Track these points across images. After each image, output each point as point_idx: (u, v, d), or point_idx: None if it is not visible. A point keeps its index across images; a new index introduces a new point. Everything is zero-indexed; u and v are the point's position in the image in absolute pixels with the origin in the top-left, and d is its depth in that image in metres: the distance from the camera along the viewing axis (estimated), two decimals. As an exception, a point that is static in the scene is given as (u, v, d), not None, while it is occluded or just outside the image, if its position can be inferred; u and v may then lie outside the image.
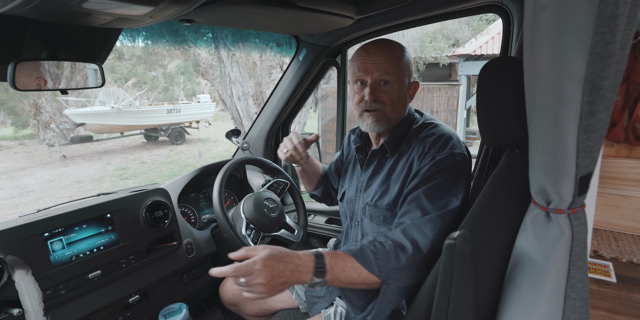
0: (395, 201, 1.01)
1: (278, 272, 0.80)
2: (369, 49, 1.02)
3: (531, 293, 0.67)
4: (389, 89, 1.02)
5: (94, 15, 0.83)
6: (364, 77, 1.02)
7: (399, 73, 1.02)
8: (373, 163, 1.11)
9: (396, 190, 1.01)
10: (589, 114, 0.55)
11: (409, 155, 1.02)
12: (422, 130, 1.05)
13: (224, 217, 1.27)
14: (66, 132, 11.45)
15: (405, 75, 1.04)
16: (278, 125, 1.88)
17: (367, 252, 0.88)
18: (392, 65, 1.00)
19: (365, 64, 1.01)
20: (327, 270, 0.84)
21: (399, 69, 1.01)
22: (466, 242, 0.68)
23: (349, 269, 0.86)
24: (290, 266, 0.82)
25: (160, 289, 1.32)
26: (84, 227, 1.08)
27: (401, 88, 1.03)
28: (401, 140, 1.06)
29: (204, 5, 1.01)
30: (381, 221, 1.04)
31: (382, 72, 1.00)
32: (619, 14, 0.49)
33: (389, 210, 1.03)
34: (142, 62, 14.62)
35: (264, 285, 0.79)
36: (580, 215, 0.64)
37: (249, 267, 0.80)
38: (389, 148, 1.06)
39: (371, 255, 0.87)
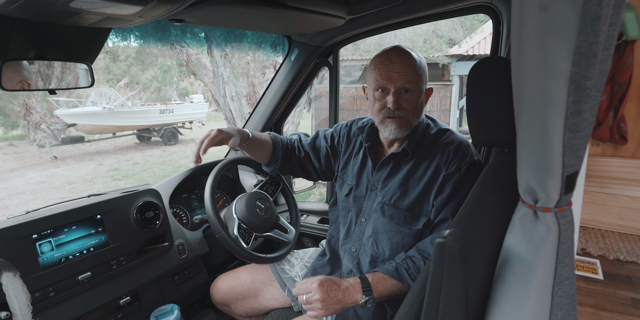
0: (415, 203, 1.09)
1: (332, 291, 0.98)
2: (391, 57, 1.07)
3: (519, 290, 0.67)
4: (411, 96, 1.07)
5: (82, 14, 0.82)
6: (387, 85, 1.06)
7: (419, 81, 1.07)
8: (389, 165, 1.16)
9: (417, 192, 1.09)
10: (574, 113, 0.56)
11: (431, 160, 1.09)
12: (441, 136, 1.13)
13: (216, 217, 1.26)
14: (57, 133, 11.31)
15: (423, 82, 1.09)
16: (270, 126, 1.88)
17: (402, 270, 1.03)
18: (413, 74, 1.05)
19: (389, 72, 1.05)
20: (372, 289, 1.00)
21: (419, 77, 1.07)
22: (456, 241, 0.69)
23: (390, 285, 1.02)
24: (342, 287, 1.00)
25: (152, 290, 1.31)
26: (74, 229, 1.07)
27: (420, 95, 1.09)
28: (420, 144, 1.13)
29: (194, 4, 1.00)
30: (402, 221, 1.10)
31: (405, 80, 1.05)
32: (602, 14, 0.50)
33: (409, 211, 1.09)
34: (137, 62, 14.51)
35: (321, 301, 0.96)
36: (567, 214, 0.65)
37: (307, 286, 1.00)
38: (410, 151, 1.12)
39: (405, 272, 1.03)
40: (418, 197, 1.08)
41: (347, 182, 1.26)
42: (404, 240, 1.10)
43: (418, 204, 1.09)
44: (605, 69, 0.55)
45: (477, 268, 0.73)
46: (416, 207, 1.09)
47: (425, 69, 1.11)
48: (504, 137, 0.78)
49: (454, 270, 0.69)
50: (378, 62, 1.09)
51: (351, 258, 1.20)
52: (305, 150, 1.38)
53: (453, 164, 1.06)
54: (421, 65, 1.08)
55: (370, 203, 1.18)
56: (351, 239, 1.22)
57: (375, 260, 1.14)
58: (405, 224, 1.10)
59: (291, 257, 1.41)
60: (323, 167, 1.37)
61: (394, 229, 1.11)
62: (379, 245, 1.13)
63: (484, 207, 0.77)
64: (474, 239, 0.75)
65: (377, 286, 1.01)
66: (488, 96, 0.78)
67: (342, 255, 1.24)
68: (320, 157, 1.36)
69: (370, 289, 1.00)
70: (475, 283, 0.73)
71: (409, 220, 1.09)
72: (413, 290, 0.81)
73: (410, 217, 1.09)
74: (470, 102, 0.82)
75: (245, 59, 6.02)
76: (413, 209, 1.09)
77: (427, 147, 1.12)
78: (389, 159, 1.16)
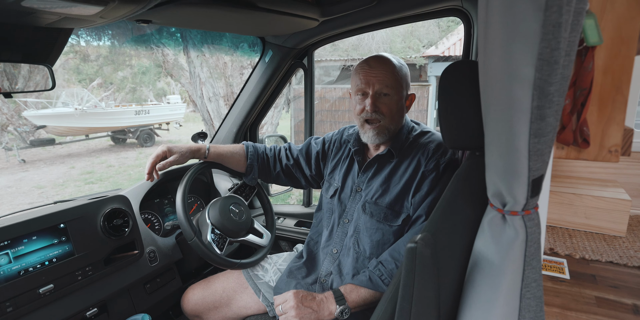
0: (396, 200, 1.12)
1: (307, 301, 1.02)
2: (371, 62, 1.12)
3: (489, 294, 0.68)
4: (389, 100, 1.11)
5: (36, 14, 0.78)
6: (365, 88, 1.11)
7: (398, 86, 1.11)
8: (374, 166, 1.19)
9: (397, 190, 1.12)
10: (538, 118, 0.57)
11: (412, 158, 1.13)
12: (422, 137, 1.17)
13: (188, 223, 1.23)
14: (25, 135, 10.84)
15: (403, 87, 1.13)
16: (245, 128, 1.85)
17: (375, 278, 1.05)
18: (392, 79, 1.10)
19: (367, 76, 1.10)
20: (345, 298, 1.03)
21: (398, 82, 1.11)
22: (427, 246, 0.69)
23: (363, 293, 1.04)
24: (317, 299, 1.04)
25: (122, 300, 1.26)
26: (34, 239, 1.01)
27: (399, 100, 1.13)
28: (403, 145, 1.16)
29: (160, 5, 0.97)
30: (382, 218, 1.13)
31: (382, 84, 1.09)
32: (563, 21, 0.50)
33: (390, 208, 1.12)
34: (109, 62, 14.07)
35: (295, 308, 1.00)
36: (533, 217, 0.66)
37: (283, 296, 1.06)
38: (395, 152, 1.15)
39: (378, 280, 1.04)
40: (399, 194, 1.11)
41: (333, 185, 1.29)
42: (384, 237, 1.12)
43: (398, 201, 1.11)
44: (567, 74, 0.56)
45: (449, 272, 0.74)
46: (397, 204, 1.11)
47: (406, 75, 1.15)
48: (474, 140, 0.78)
49: (425, 275, 0.69)
50: (359, 67, 1.14)
51: (332, 260, 1.20)
52: (295, 157, 1.41)
53: (432, 161, 1.10)
54: (401, 72, 1.12)
55: (354, 204, 1.20)
56: (333, 240, 1.22)
57: (356, 259, 1.15)
58: (386, 221, 1.12)
59: (264, 263, 1.40)
60: (313, 172, 1.40)
61: (374, 227, 1.13)
62: (359, 244, 1.15)
63: (456, 211, 0.77)
64: (446, 243, 0.75)
65: (350, 295, 1.03)
66: (459, 99, 0.79)
67: (322, 257, 1.24)
68: (311, 163, 1.39)
69: (343, 299, 1.02)
70: (448, 287, 0.73)
71: (390, 217, 1.12)
72: (386, 296, 0.81)
73: (390, 214, 1.12)
74: (442, 105, 0.82)
75: (223, 60, 5.94)
76: (394, 206, 1.12)
77: (409, 146, 1.16)
78: (374, 161, 1.19)
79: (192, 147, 1.31)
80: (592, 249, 1.12)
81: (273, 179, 1.45)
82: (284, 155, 1.42)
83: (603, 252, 1.10)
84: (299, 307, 1.00)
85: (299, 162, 1.41)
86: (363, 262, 1.13)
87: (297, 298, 1.02)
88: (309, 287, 1.21)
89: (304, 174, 1.42)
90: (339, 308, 1.00)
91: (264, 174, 1.43)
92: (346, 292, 1.04)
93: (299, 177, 1.43)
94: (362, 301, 1.03)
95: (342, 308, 1.00)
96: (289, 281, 1.24)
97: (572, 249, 1.12)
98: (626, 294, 0.87)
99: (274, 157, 1.42)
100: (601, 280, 0.93)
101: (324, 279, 1.19)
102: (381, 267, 1.05)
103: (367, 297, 1.04)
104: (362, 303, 1.04)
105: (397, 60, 1.14)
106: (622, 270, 0.99)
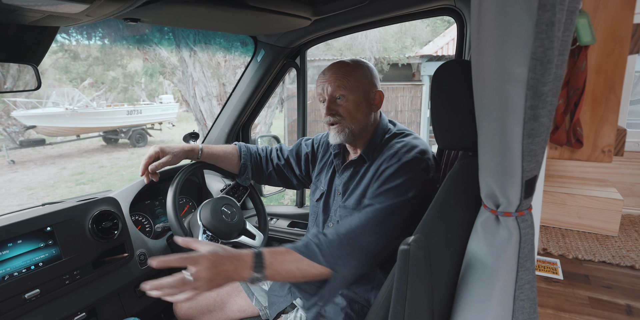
0: (359, 200, 1.09)
1: (221, 266, 0.83)
2: (325, 70, 1.14)
3: (483, 295, 0.67)
4: (344, 102, 1.11)
5: (19, 12, 0.75)
6: (322, 94, 1.12)
7: (353, 86, 1.10)
8: (349, 170, 1.18)
9: (360, 190, 1.10)
10: (532, 118, 0.56)
11: (379, 159, 1.10)
12: (394, 138, 1.14)
13: (179, 225, 1.21)
14: (15, 136, 10.70)
15: (361, 86, 1.11)
16: (238, 128, 1.83)
17: (311, 245, 0.95)
18: (344, 80, 1.09)
19: (322, 83, 1.12)
20: (265, 266, 0.88)
21: (353, 83, 1.09)
22: (420, 248, 0.68)
23: (288, 264, 0.92)
24: (233, 262, 0.86)
25: (111, 304, 1.24)
26: (19, 243, 0.99)
27: (355, 99, 1.11)
28: (375, 149, 1.14)
29: (149, 3, 0.95)
30: None
31: (334, 87, 1.09)
32: (556, 20, 0.50)
33: (354, 210, 1.09)
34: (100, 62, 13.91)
35: (207, 278, 0.81)
36: (527, 218, 0.65)
37: (195, 259, 0.81)
38: (366, 157, 1.13)
39: (315, 247, 0.94)
40: (361, 193, 1.10)
41: (319, 188, 1.28)
42: None
43: (360, 200, 1.09)
44: (561, 74, 0.55)
45: (442, 274, 0.73)
46: (359, 204, 1.09)
47: (365, 74, 1.12)
48: (467, 140, 0.78)
49: (419, 278, 0.68)
50: (318, 77, 1.16)
51: None
52: (286, 157, 1.41)
53: (395, 158, 1.05)
54: (357, 72, 1.10)
55: (335, 208, 1.19)
56: None
57: None
58: None
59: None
60: (303, 173, 1.40)
61: None
62: None
63: (448, 212, 0.76)
64: (439, 244, 0.74)
65: (273, 265, 0.89)
66: (451, 99, 0.78)
67: None
68: (301, 163, 1.39)
69: (262, 266, 0.88)
70: (441, 289, 0.73)
71: None
72: (379, 299, 0.80)
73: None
74: (435, 105, 0.81)
75: (216, 59, 5.90)
76: (357, 207, 1.10)
77: (380, 149, 1.13)
78: (349, 165, 1.18)
79: (185, 147, 1.30)
80: (585, 249, 1.12)
81: (265, 179, 1.44)
82: (275, 156, 1.42)
83: (596, 251, 1.10)
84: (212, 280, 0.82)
85: (289, 162, 1.41)
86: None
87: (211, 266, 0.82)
88: None
89: (295, 174, 1.42)
90: (253, 275, 0.87)
91: (257, 174, 1.42)
92: (270, 259, 0.90)
93: (290, 177, 1.42)
94: (285, 273, 0.91)
95: (257, 276, 0.87)
96: (283, 283, 1.23)
97: (565, 248, 1.12)
98: (619, 294, 0.87)
99: (266, 157, 1.42)
100: (594, 280, 0.93)
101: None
102: (321, 236, 0.97)
103: (293, 270, 0.91)
104: (284, 275, 0.91)
105: (355, 61, 1.13)
106: (615, 270, 0.99)
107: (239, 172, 1.40)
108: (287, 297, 1.18)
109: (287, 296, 1.18)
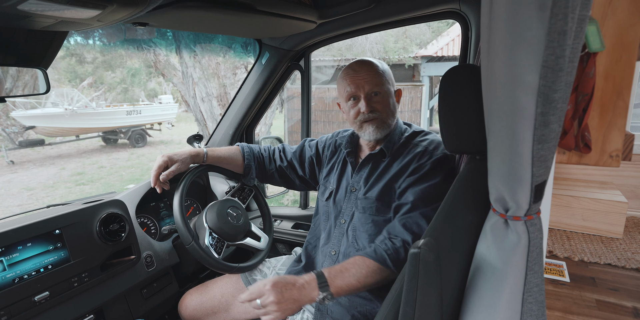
0: (384, 191, 1.13)
1: (287, 290, 0.91)
2: (355, 67, 1.16)
3: (491, 298, 0.68)
4: (381, 98, 1.14)
5: (32, 17, 0.76)
6: (356, 92, 1.14)
7: (385, 84, 1.15)
8: (367, 166, 1.21)
9: (385, 181, 1.13)
10: (542, 124, 0.57)
11: (404, 157, 1.14)
12: (416, 136, 1.20)
13: (185, 228, 1.21)
14: (14, 136, 10.68)
15: (390, 84, 1.17)
16: (242, 130, 1.84)
17: (380, 251, 1.00)
18: (378, 78, 1.13)
19: (355, 80, 1.14)
20: (329, 284, 0.94)
21: (384, 80, 1.15)
22: (430, 251, 0.69)
23: (348, 278, 0.96)
24: (298, 285, 0.93)
25: (118, 306, 1.25)
26: (29, 246, 1.00)
27: (389, 96, 1.16)
28: (395, 145, 1.18)
29: (158, 8, 0.96)
30: (374, 211, 1.14)
31: (372, 85, 1.13)
32: (568, 29, 0.50)
33: (379, 200, 1.13)
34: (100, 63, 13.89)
35: (276, 303, 0.89)
36: (536, 222, 0.66)
37: (259, 288, 0.92)
38: (387, 152, 1.17)
39: (384, 253, 0.99)
40: (386, 184, 1.13)
41: (328, 188, 1.29)
42: (381, 230, 1.12)
43: (387, 193, 1.12)
44: (571, 80, 0.56)
45: (451, 277, 0.74)
46: (385, 195, 1.13)
47: (389, 72, 1.19)
48: (475, 144, 0.78)
49: (429, 280, 0.69)
50: (344, 74, 1.17)
51: (331, 262, 1.20)
52: (289, 159, 1.42)
53: (425, 155, 1.11)
54: (384, 70, 1.16)
55: (349, 205, 1.21)
56: (331, 242, 1.22)
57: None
58: (379, 214, 1.13)
59: (263, 267, 1.39)
60: (307, 176, 1.41)
61: (369, 221, 1.14)
62: (358, 241, 1.16)
63: (457, 215, 0.77)
64: (448, 247, 0.75)
65: (335, 280, 0.95)
66: (459, 103, 0.79)
67: (322, 260, 1.23)
68: (305, 166, 1.40)
69: (326, 284, 0.94)
70: (450, 292, 0.73)
71: (381, 209, 1.13)
72: (387, 301, 0.81)
73: (381, 206, 1.13)
74: (442, 109, 0.82)
75: (216, 59, 5.89)
76: (383, 198, 1.13)
77: (402, 146, 1.18)
78: (367, 160, 1.20)
79: (191, 152, 1.31)
80: (591, 251, 1.13)
81: (268, 178, 1.46)
82: (278, 157, 1.43)
83: (601, 254, 1.11)
84: (280, 301, 0.89)
85: (292, 164, 1.42)
86: None
87: (277, 291, 0.90)
88: None
89: (298, 175, 1.43)
90: (322, 295, 0.92)
91: (261, 173, 1.44)
92: (330, 276, 0.95)
93: (293, 178, 1.43)
94: (346, 286, 0.95)
95: (324, 295, 0.92)
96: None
97: (571, 251, 1.13)
98: (626, 296, 0.88)
99: (269, 157, 1.44)
100: (600, 283, 0.94)
101: None
102: (387, 242, 1.02)
103: (353, 282, 0.96)
104: (346, 289, 0.95)
105: (377, 60, 1.19)
106: (621, 272, 1.00)
107: (244, 172, 1.41)
108: None
109: None
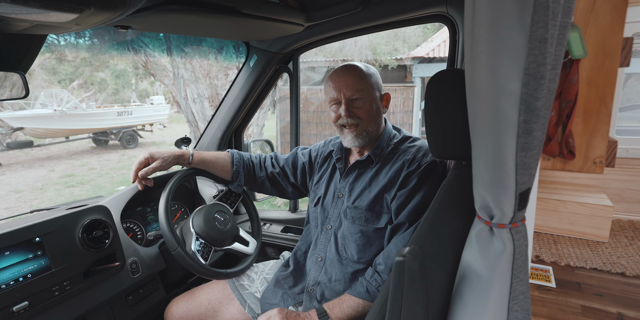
0: (375, 201, 1.12)
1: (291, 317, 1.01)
2: (339, 72, 1.16)
3: (477, 307, 0.67)
4: (362, 104, 1.14)
5: (6, 21, 0.74)
6: (338, 96, 1.14)
7: (368, 89, 1.14)
8: (354, 172, 1.20)
9: (376, 190, 1.12)
10: (525, 132, 0.56)
11: (393, 163, 1.14)
12: (404, 142, 1.19)
13: (171, 233, 1.19)
14: (2, 138, 10.50)
15: (374, 89, 1.15)
16: (230, 133, 1.82)
17: (372, 290, 1.04)
18: (361, 83, 1.12)
19: (337, 85, 1.14)
20: (329, 315, 1.02)
21: (368, 85, 1.13)
22: (415, 259, 0.68)
23: (346, 308, 1.03)
24: (300, 317, 1.02)
25: (102, 314, 1.22)
26: (7, 255, 0.97)
27: (372, 102, 1.15)
28: (383, 151, 1.17)
29: (139, 11, 0.94)
30: (363, 222, 1.13)
31: (353, 90, 1.12)
32: (549, 37, 0.50)
33: (369, 210, 1.12)
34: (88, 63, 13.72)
35: None
36: (521, 229, 0.66)
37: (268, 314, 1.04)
38: (374, 158, 1.16)
39: (376, 291, 1.03)
40: (377, 194, 1.12)
41: (318, 194, 1.29)
42: (369, 241, 1.12)
43: (377, 202, 1.12)
44: (553, 87, 0.56)
45: (437, 285, 0.73)
46: (376, 205, 1.12)
47: (376, 77, 1.18)
48: (461, 149, 0.78)
49: (413, 289, 0.68)
50: (329, 78, 1.17)
51: (318, 268, 1.19)
52: (281, 165, 1.41)
53: (414, 162, 1.11)
54: (369, 75, 1.15)
55: (335, 210, 1.20)
56: (317, 248, 1.21)
57: (344, 265, 1.14)
58: (368, 224, 1.12)
59: (250, 272, 1.37)
60: (298, 182, 1.40)
61: (357, 231, 1.13)
62: (347, 250, 1.15)
63: (443, 222, 0.76)
64: (433, 255, 0.74)
65: (333, 311, 1.03)
66: (445, 108, 0.78)
67: (309, 266, 1.22)
68: (297, 173, 1.40)
69: (326, 315, 1.02)
70: (436, 300, 0.73)
71: (370, 219, 1.12)
72: (373, 310, 0.80)
73: (371, 216, 1.12)
74: (428, 114, 0.81)
75: (207, 60, 5.85)
76: (373, 208, 1.12)
77: (391, 152, 1.17)
78: (354, 166, 1.20)
79: (175, 152, 1.29)
80: (577, 256, 1.13)
81: (258, 186, 1.44)
82: (270, 164, 1.42)
83: (587, 258, 1.12)
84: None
85: (284, 170, 1.41)
86: (352, 267, 1.13)
87: (281, 315, 1.01)
88: (296, 296, 1.19)
89: (290, 183, 1.42)
90: None
91: (250, 181, 1.42)
92: (329, 308, 1.04)
93: (285, 185, 1.42)
94: (345, 317, 1.03)
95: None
96: (276, 291, 1.22)
97: (558, 255, 1.13)
98: (611, 302, 0.88)
99: (259, 164, 1.41)
100: (586, 288, 0.94)
101: (311, 289, 1.17)
102: (377, 277, 1.04)
103: (351, 312, 1.03)
104: (345, 319, 1.03)
105: (364, 65, 1.18)
106: (606, 277, 1.00)
107: (231, 178, 1.39)
108: (279, 304, 1.18)
109: (279, 304, 1.18)
